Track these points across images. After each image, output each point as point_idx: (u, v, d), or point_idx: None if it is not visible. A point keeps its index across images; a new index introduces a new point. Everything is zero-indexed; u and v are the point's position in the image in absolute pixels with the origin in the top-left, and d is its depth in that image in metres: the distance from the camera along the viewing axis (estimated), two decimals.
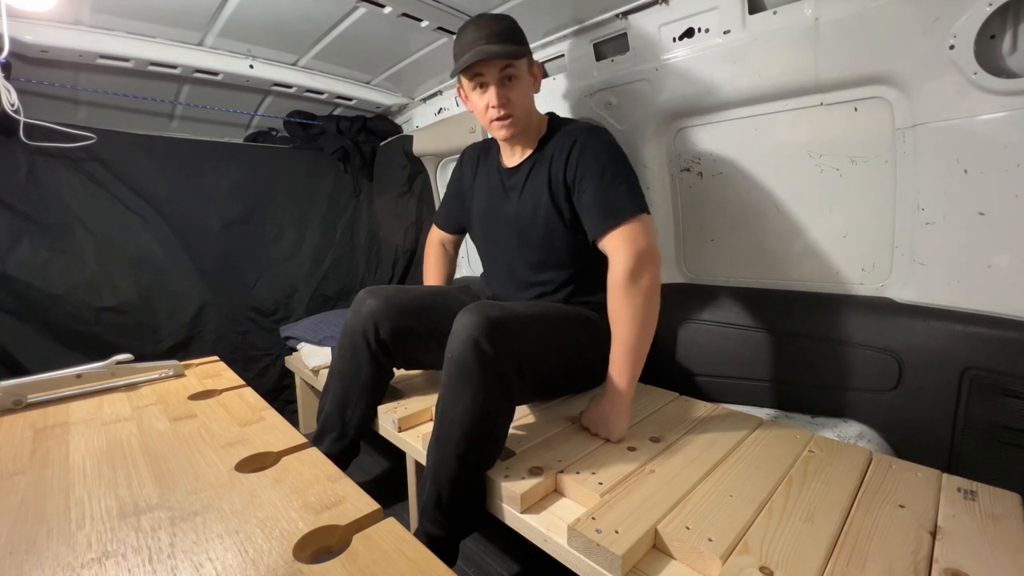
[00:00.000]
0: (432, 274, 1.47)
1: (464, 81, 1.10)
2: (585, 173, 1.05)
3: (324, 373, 1.59)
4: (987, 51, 0.86)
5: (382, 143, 2.25)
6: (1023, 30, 0.84)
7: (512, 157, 1.20)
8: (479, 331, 0.87)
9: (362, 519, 0.52)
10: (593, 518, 0.73)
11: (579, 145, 1.07)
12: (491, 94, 1.05)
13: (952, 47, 0.88)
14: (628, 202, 1.01)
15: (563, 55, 1.47)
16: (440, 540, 0.90)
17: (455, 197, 1.39)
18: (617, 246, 0.99)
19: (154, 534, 0.50)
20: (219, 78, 1.61)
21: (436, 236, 1.49)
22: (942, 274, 1.00)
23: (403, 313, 1.15)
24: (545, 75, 1.58)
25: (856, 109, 1.06)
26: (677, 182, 1.41)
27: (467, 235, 1.43)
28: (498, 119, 1.07)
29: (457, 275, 2.22)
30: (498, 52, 1.01)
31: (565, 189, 1.09)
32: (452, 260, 1.50)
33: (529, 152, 1.17)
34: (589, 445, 0.95)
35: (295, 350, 1.85)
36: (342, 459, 1.19)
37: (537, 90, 1.14)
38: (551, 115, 1.21)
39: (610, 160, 1.05)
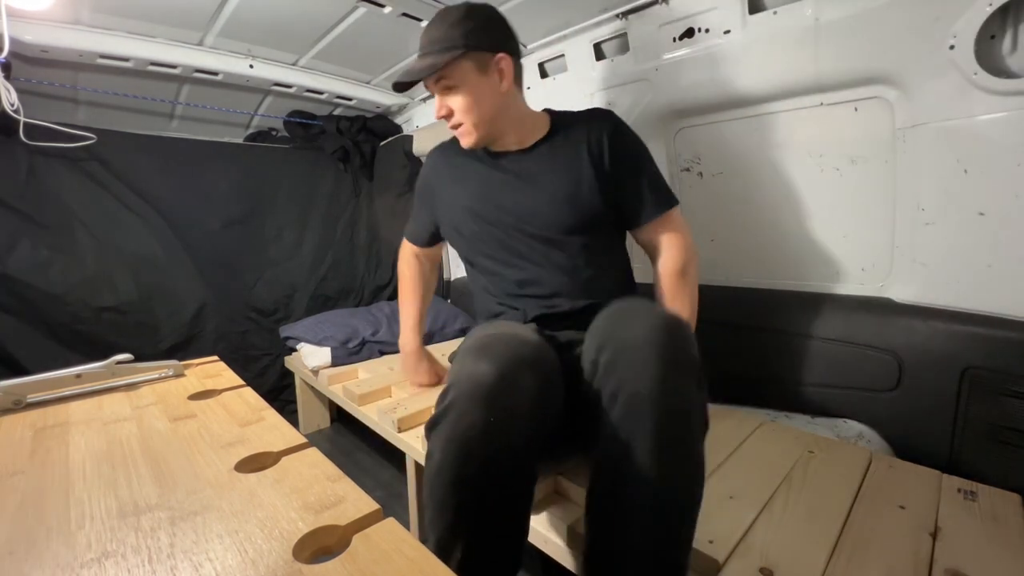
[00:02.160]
0: (415, 293, 1.29)
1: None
2: (628, 156, 0.99)
3: (324, 373, 1.59)
4: (987, 51, 0.86)
5: (382, 143, 2.25)
6: (1023, 30, 0.84)
7: (513, 144, 1.01)
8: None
9: (362, 519, 0.52)
10: None
11: (616, 128, 1.00)
12: (439, 107, 0.97)
13: (952, 47, 0.88)
14: (669, 189, 1.02)
15: (563, 55, 1.47)
16: None
17: (433, 205, 1.14)
18: (669, 235, 1.00)
19: (154, 534, 0.50)
20: (219, 78, 1.61)
21: (412, 249, 1.29)
22: (942, 274, 1.00)
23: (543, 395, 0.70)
24: (544, 75, 1.58)
25: (856, 109, 1.06)
26: (677, 182, 1.41)
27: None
28: (452, 128, 0.99)
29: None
30: (418, 70, 0.92)
31: (606, 167, 0.97)
32: (434, 273, 1.35)
33: (539, 137, 1.01)
34: None
35: (295, 350, 1.85)
36: None
37: (505, 88, 0.95)
38: (549, 111, 1.05)
39: (645, 149, 1.03)
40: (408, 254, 1.30)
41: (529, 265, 0.98)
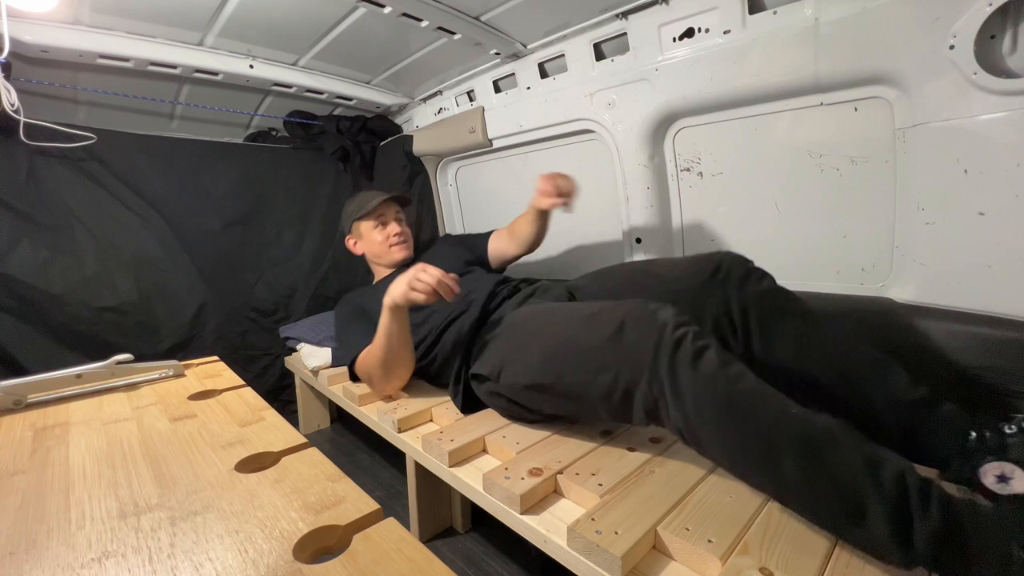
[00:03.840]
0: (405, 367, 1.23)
1: (363, 225, 1.56)
2: (465, 235, 1.75)
3: (324, 373, 1.59)
4: (987, 51, 0.86)
5: (382, 143, 2.25)
6: (1023, 30, 0.84)
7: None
8: None
9: (362, 519, 0.52)
10: (593, 519, 0.73)
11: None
12: (393, 227, 1.56)
13: (952, 47, 0.88)
14: None
15: (563, 55, 1.47)
16: None
17: (373, 317, 1.22)
18: (501, 229, 1.57)
19: (154, 534, 0.50)
20: (219, 78, 1.61)
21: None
22: (942, 274, 1.01)
23: None
24: (544, 75, 1.58)
25: (856, 109, 1.06)
26: (677, 182, 1.41)
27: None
28: (400, 243, 1.55)
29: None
30: (398, 198, 1.59)
31: (462, 241, 1.66)
32: None
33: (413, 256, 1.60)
34: (589, 445, 0.95)
35: (295, 350, 1.85)
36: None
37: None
38: None
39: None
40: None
41: (466, 286, 1.26)
